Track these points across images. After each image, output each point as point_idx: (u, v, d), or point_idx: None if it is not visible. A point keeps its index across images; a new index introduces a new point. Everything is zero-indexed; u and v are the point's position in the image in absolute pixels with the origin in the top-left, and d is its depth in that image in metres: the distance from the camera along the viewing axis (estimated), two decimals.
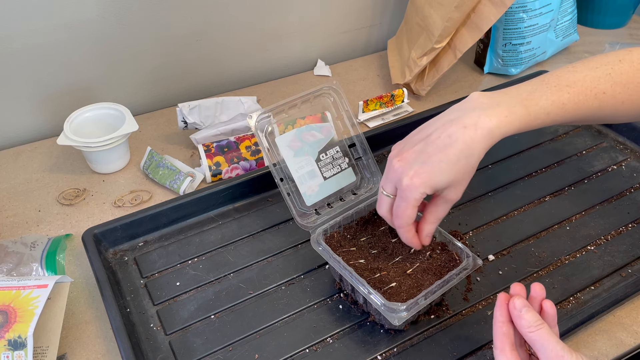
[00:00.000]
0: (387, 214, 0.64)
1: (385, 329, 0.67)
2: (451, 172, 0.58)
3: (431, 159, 0.59)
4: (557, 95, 0.60)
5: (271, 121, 0.72)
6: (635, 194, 0.84)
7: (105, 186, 0.89)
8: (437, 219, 0.64)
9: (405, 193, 0.59)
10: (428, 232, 0.65)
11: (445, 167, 0.58)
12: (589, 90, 0.61)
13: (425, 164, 0.59)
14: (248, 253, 0.76)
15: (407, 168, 0.59)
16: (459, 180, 0.60)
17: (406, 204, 0.60)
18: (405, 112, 1.02)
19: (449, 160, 0.58)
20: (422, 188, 0.59)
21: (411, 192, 0.59)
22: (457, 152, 0.58)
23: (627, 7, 1.26)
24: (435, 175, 0.58)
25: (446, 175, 0.58)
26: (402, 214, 0.61)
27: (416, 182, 0.58)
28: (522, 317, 0.54)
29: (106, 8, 0.93)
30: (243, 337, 0.67)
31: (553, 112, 0.60)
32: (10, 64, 0.92)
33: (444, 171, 0.58)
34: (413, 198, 0.59)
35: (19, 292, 0.63)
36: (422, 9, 1.00)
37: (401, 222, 0.62)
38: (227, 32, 1.06)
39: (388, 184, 0.62)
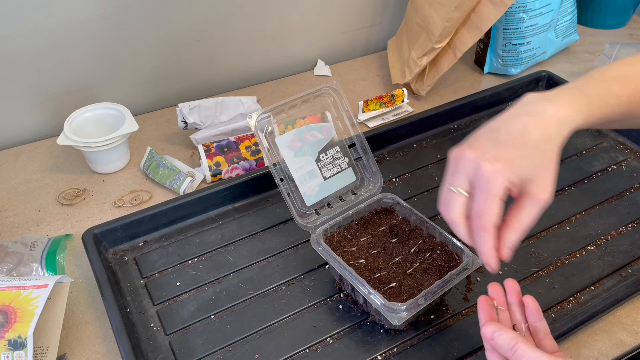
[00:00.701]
0: (459, 218, 0.54)
1: (385, 329, 0.67)
2: (533, 157, 0.51)
3: (506, 144, 0.52)
4: (608, 87, 0.58)
5: (271, 121, 0.72)
6: (635, 194, 0.84)
7: (105, 186, 0.89)
8: (524, 224, 0.52)
9: (487, 183, 0.50)
10: (511, 242, 0.53)
11: (527, 151, 0.51)
12: (635, 83, 0.59)
13: (502, 148, 0.52)
14: (248, 253, 0.76)
15: (484, 153, 0.52)
16: (544, 170, 0.52)
17: (491, 195, 0.50)
18: (405, 112, 1.02)
19: (527, 144, 0.52)
20: (506, 173, 0.50)
21: (495, 179, 0.50)
22: (535, 137, 0.52)
23: (627, 7, 1.26)
24: (517, 159, 0.51)
25: (528, 162, 0.51)
26: (486, 209, 0.51)
27: (498, 166, 0.50)
28: (496, 345, 0.52)
29: (106, 8, 0.93)
30: (243, 337, 0.67)
31: (610, 102, 0.57)
32: (10, 64, 0.92)
33: (525, 155, 0.51)
34: (497, 187, 0.50)
35: (19, 292, 0.63)
36: (422, 9, 1.00)
37: (486, 222, 0.51)
38: (227, 32, 1.06)
39: (459, 177, 0.53)
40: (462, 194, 0.53)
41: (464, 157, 0.53)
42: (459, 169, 0.53)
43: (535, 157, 0.52)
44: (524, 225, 0.52)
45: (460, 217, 0.54)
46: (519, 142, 0.52)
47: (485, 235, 0.52)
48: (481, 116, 1.00)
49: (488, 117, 1.00)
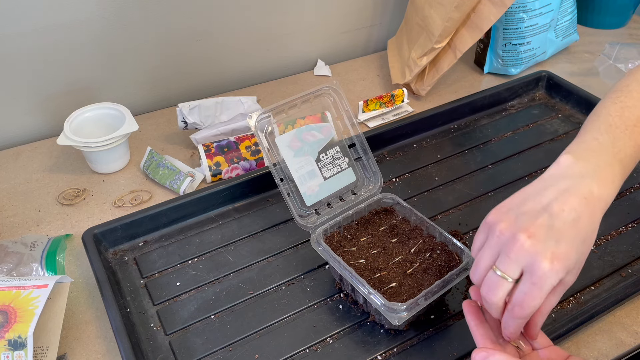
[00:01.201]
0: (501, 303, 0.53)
1: (385, 329, 0.67)
2: (580, 252, 0.51)
3: (564, 237, 0.50)
4: (634, 139, 0.57)
5: (271, 121, 0.72)
6: (635, 194, 0.84)
7: (105, 186, 0.89)
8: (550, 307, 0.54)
9: (542, 280, 0.49)
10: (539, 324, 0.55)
11: (578, 247, 0.51)
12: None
13: (560, 243, 0.50)
14: (248, 253, 0.76)
15: (543, 248, 0.50)
16: (582, 261, 0.52)
17: (540, 293, 0.50)
18: (405, 112, 1.02)
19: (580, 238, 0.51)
20: (562, 273, 0.50)
21: (550, 278, 0.49)
22: (586, 228, 0.51)
23: (627, 7, 1.26)
24: (572, 256, 0.50)
25: (577, 256, 0.51)
26: (532, 303, 0.50)
27: (557, 266, 0.49)
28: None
29: (106, 8, 0.93)
30: (243, 337, 0.67)
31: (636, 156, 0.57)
32: (10, 64, 0.92)
33: (578, 252, 0.51)
34: (550, 285, 0.50)
35: (19, 292, 0.63)
36: (422, 9, 1.00)
37: (526, 312, 0.51)
38: (227, 32, 1.06)
39: (511, 264, 0.51)
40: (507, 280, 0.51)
41: (521, 246, 0.50)
42: (511, 254, 0.51)
43: (582, 250, 0.51)
44: (551, 308, 0.53)
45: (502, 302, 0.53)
46: (574, 233, 0.51)
47: (519, 323, 0.53)
48: (481, 116, 1.01)
49: (488, 117, 1.01)
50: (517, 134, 0.96)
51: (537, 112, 1.01)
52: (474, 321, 0.56)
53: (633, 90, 0.61)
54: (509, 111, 1.02)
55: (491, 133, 0.97)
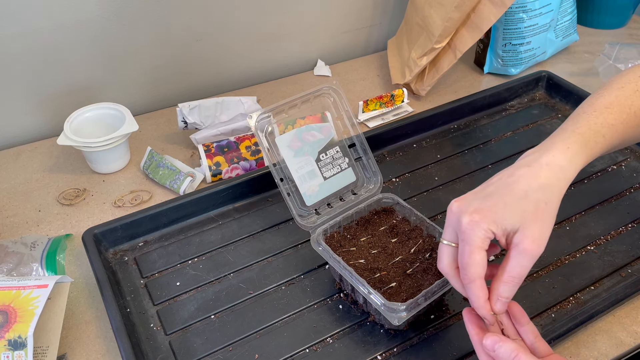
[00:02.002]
0: (448, 269, 0.56)
1: (385, 329, 0.67)
2: (518, 208, 0.51)
3: (493, 195, 0.52)
4: (602, 118, 0.58)
5: (271, 121, 0.72)
6: (635, 194, 0.84)
7: (105, 186, 0.89)
8: (512, 277, 0.52)
9: (466, 234, 0.52)
10: (501, 295, 0.53)
11: (510, 200, 0.52)
12: (627, 108, 0.59)
13: (485, 199, 0.52)
14: (248, 253, 0.76)
15: (467, 206, 0.53)
16: (532, 220, 0.51)
17: (470, 247, 0.52)
18: (405, 112, 1.02)
19: (514, 194, 0.52)
20: (484, 223, 0.51)
21: (472, 230, 0.51)
22: (524, 187, 0.52)
23: (627, 7, 1.26)
24: (499, 209, 0.51)
25: (512, 211, 0.51)
26: (469, 260, 0.52)
27: (476, 217, 0.51)
28: (497, 356, 0.52)
29: (106, 8, 0.93)
30: (243, 337, 0.67)
31: (608, 134, 0.57)
32: (10, 64, 0.92)
33: (508, 205, 0.51)
34: (477, 237, 0.51)
35: (19, 292, 0.63)
36: (422, 9, 1.00)
37: (469, 274, 0.52)
38: (227, 32, 1.06)
39: (447, 229, 0.55)
40: (450, 245, 0.55)
41: (450, 210, 0.54)
42: (447, 221, 0.55)
43: (522, 206, 0.51)
44: (512, 278, 0.52)
45: (449, 268, 0.55)
46: (506, 192, 0.52)
47: (473, 287, 0.53)
48: (481, 116, 1.01)
49: (488, 117, 1.01)
50: (517, 134, 0.96)
51: (537, 112, 1.01)
52: (474, 330, 0.55)
53: (613, 83, 0.62)
54: (509, 111, 1.02)
55: (491, 133, 0.97)
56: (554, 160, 0.54)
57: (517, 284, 0.52)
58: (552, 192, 0.53)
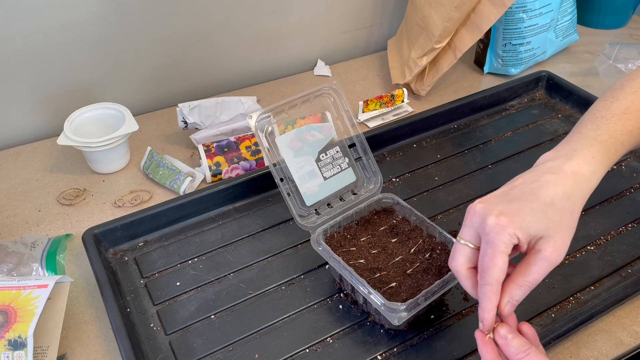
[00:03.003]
0: (461, 268, 0.54)
1: (385, 329, 0.67)
2: (545, 215, 0.50)
3: (519, 199, 0.51)
4: (621, 124, 0.58)
5: (271, 121, 0.72)
6: (635, 194, 0.84)
7: (105, 186, 0.89)
8: (528, 282, 0.51)
9: (491, 235, 0.50)
10: (513, 298, 0.52)
11: (537, 207, 0.50)
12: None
13: (512, 203, 0.51)
14: (248, 253, 0.76)
15: (492, 208, 0.51)
16: (556, 230, 0.50)
17: (494, 250, 0.50)
18: (405, 112, 1.02)
19: (540, 200, 0.51)
20: (511, 228, 0.50)
21: (499, 233, 0.50)
22: (551, 194, 0.51)
23: (627, 7, 1.26)
24: (526, 215, 0.50)
25: (539, 218, 0.50)
26: (490, 263, 0.50)
27: (503, 220, 0.50)
28: (509, 345, 0.51)
29: (106, 8, 0.93)
30: (243, 337, 0.67)
31: (626, 140, 0.57)
32: (10, 64, 0.92)
33: (535, 211, 0.50)
34: (502, 241, 0.50)
35: (19, 292, 0.63)
36: (422, 9, 1.00)
37: (489, 277, 0.51)
38: (227, 32, 1.06)
39: (467, 229, 0.53)
40: (468, 245, 0.54)
41: (473, 210, 0.53)
42: (467, 221, 0.54)
43: (549, 214, 0.51)
44: (529, 283, 0.51)
45: (462, 268, 0.54)
46: (532, 198, 0.51)
47: (488, 290, 0.51)
48: (481, 116, 1.01)
49: (488, 117, 1.01)
50: (517, 134, 0.96)
51: (537, 112, 1.01)
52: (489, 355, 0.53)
53: (626, 86, 0.62)
54: (509, 111, 1.02)
55: (491, 133, 0.97)
56: (579, 170, 0.54)
57: (530, 289, 0.52)
58: (576, 202, 0.52)
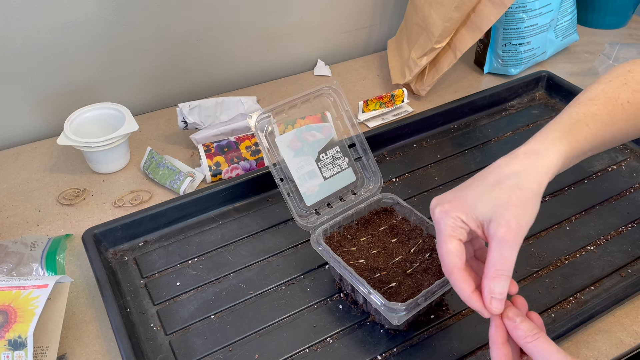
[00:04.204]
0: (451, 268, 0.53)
1: (385, 329, 0.67)
2: (490, 196, 0.50)
3: (467, 187, 0.53)
4: (585, 108, 0.58)
5: (271, 121, 0.72)
6: (635, 194, 0.84)
7: (105, 186, 0.89)
8: (497, 270, 0.50)
9: (437, 224, 0.52)
10: (491, 291, 0.50)
11: (482, 188, 0.51)
12: (613, 100, 0.59)
13: (458, 191, 0.53)
14: (248, 253, 0.76)
15: (440, 199, 0.54)
16: (506, 208, 0.49)
17: (441, 236, 0.51)
18: (405, 112, 1.02)
19: (486, 182, 0.51)
20: (453, 212, 0.51)
21: (442, 219, 0.51)
22: (498, 175, 0.51)
23: (627, 7, 1.26)
24: (469, 198, 0.51)
25: (484, 200, 0.50)
26: (440, 250, 0.52)
27: (446, 207, 0.52)
28: (518, 327, 0.50)
29: (106, 8, 0.93)
30: (243, 337, 0.67)
31: (591, 123, 0.56)
32: (10, 63, 0.92)
33: (480, 194, 0.51)
34: (447, 225, 0.51)
35: (19, 292, 0.63)
36: (422, 9, 1.00)
37: (445, 264, 0.51)
38: (227, 32, 1.06)
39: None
40: None
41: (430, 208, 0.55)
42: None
43: (495, 194, 0.50)
44: (498, 271, 0.50)
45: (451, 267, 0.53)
46: (479, 183, 0.52)
47: (453, 279, 0.51)
48: (481, 116, 1.01)
49: (488, 117, 1.01)
50: (517, 134, 0.96)
51: (537, 112, 1.01)
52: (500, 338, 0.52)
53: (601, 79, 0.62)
54: (509, 111, 1.02)
55: (491, 133, 0.97)
56: (531, 149, 0.53)
57: (506, 277, 0.50)
58: (527, 177, 0.51)
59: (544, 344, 0.49)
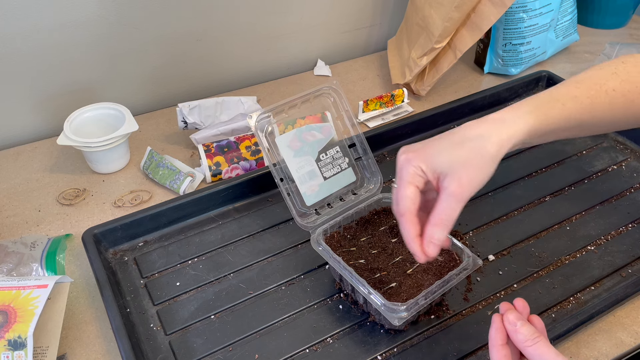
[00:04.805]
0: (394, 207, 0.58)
1: (385, 329, 0.67)
2: (451, 152, 0.53)
3: (433, 141, 0.56)
4: (566, 89, 0.59)
5: (271, 121, 0.72)
6: (635, 194, 0.84)
7: (105, 186, 0.89)
8: (441, 219, 0.54)
9: (399, 170, 0.56)
10: (431, 236, 0.54)
11: (446, 144, 0.54)
12: (598, 86, 0.60)
13: (425, 144, 0.57)
14: (248, 253, 0.76)
15: (407, 148, 0.57)
16: (463, 166, 0.53)
17: (400, 181, 0.55)
18: (405, 112, 1.02)
19: (451, 140, 0.54)
20: (415, 161, 0.55)
21: (404, 166, 0.55)
22: (463, 135, 0.54)
23: (627, 7, 1.26)
24: (433, 151, 0.55)
25: (445, 154, 0.54)
26: (398, 193, 0.56)
27: (410, 155, 0.56)
28: (518, 332, 0.51)
29: (106, 8, 0.93)
30: (243, 337, 0.67)
31: (568, 103, 0.58)
32: (10, 64, 0.92)
33: (442, 148, 0.54)
34: (407, 172, 0.55)
35: (19, 292, 0.63)
36: (422, 9, 1.00)
37: (399, 207, 0.55)
38: (227, 32, 1.06)
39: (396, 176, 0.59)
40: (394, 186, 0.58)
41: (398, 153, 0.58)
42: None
43: (456, 151, 0.53)
44: (441, 220, 0.54)
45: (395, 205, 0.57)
46: (445, 138, 0.55)
47: (402, 221, 0.55)
48: (481, 116, 1.00)
49: None
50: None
51: None
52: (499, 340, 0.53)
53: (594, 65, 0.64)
54: None
55: None
56: (501, 117, 0.56)
57: (446, 227, 0.54)
58: (489, 140, 0.54)
59: (543, 348, 0.50)
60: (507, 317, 0.53)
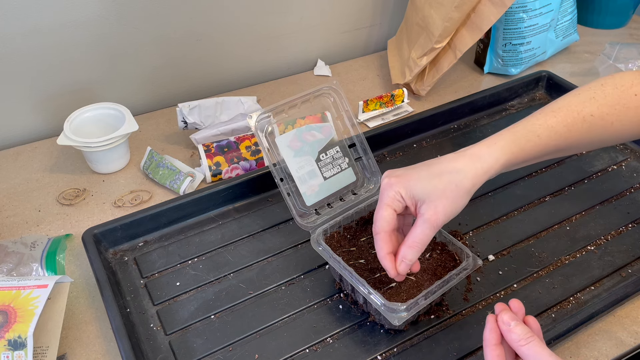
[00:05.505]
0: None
1: (385, 329, 0.67)
2: (430, 182, 0.58)
3: (415, 168, 0.60)
4: (543, 119, 0.61)
5: (271, 121, 0.72)
6: (635, 194, 0.84)
7: (105, 186, 0.89)
8: (415, 242, 0.58)
9: (381, 193, 0.60)
10: (403, 256, 0.59)
11: (425, 174, 0.58)
12: (575, 113, 0.62)
13: (407, 170, 0.61)
14: (248, 253, 0.76)
15: (391, 172, 0.61)
16: (439, 197, 0.57)
17: (380, 203, 0.60)
18: (405, 112, 1.02)
19: (430, 171, 0.59)
20: (396, 186, 0.59)
21: (386, 189, 0.59)
22: (442, 168, 0.58)
23: (627, 7, 1.26)
24: (413, 179, 0.59)
25: (424, 184, 0.58)
26: (377, 215, 0.60)
27: (392, 180, 0.59)
28: (512, 331, 0.52)
29: (106, 8, 0.93)
30: (243, 337, 0.67)
31: (544, 134, 0.60)
32: (10, 63, 0.92)
33: (422, 178, 0.58)
34: (387, 196, 0.59)
35: (19, 292, 0.63)
36: (422, 9, 1.00)
37: (376, 226, 0.60)
38: (227, 32, 1.06)
39: None
40: None
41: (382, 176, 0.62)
42: None
43: (434, 183, 0.57)
44: (415, 243, 0.58)
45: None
46: (426, 168, 0.59)
47: (377, 239, 0.60)
48: (481, 116, 1.01)
49: (488, 117, 1.01)
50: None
51: None
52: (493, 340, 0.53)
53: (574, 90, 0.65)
54: (509, 111, 1.02)
55: (491, 133, 0.94)
56: (477, 152, 0.59)
57: (419, 249, 0.58)
58: (465, 176, 0.58)
59: (537, 348, 0.51)
60: (501, 317, 0.53)
